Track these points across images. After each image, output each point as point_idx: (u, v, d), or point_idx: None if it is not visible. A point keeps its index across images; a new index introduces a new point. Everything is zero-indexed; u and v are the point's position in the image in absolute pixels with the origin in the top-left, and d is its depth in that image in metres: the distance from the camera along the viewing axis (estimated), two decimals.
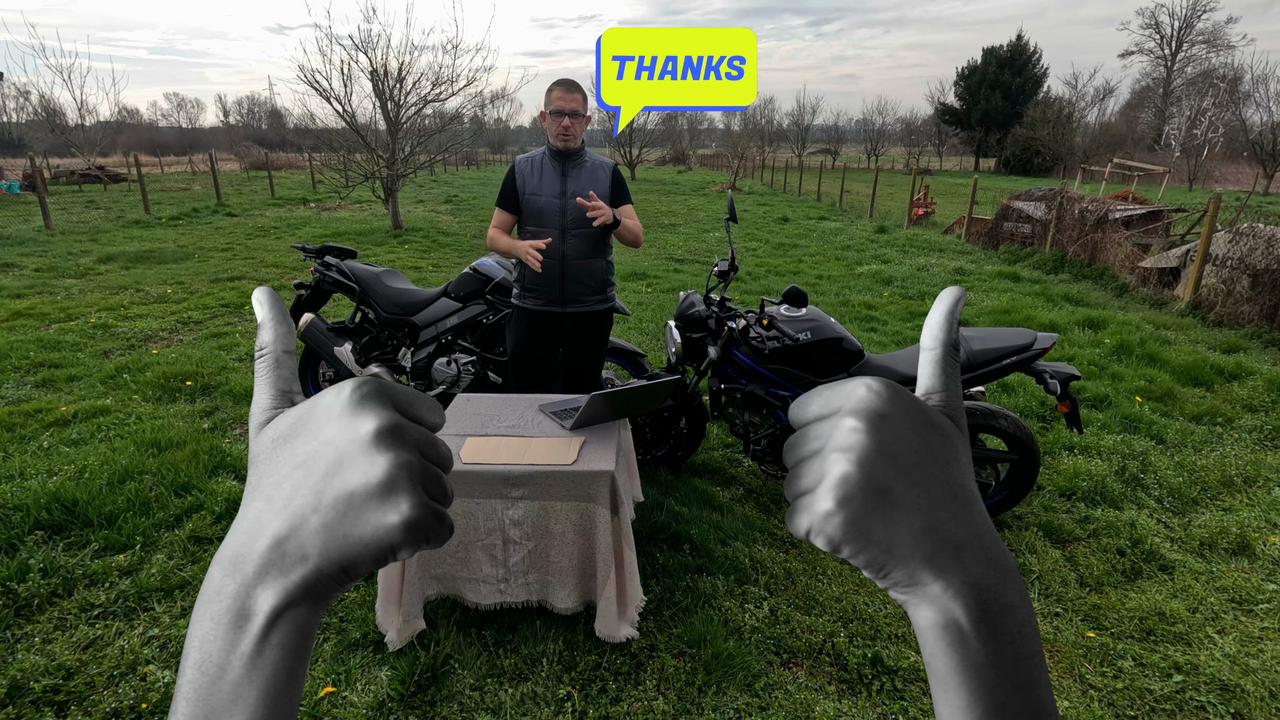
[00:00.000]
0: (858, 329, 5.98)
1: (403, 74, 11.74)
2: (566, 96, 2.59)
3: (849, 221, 14.93)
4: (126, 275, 7.84)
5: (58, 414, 3.76)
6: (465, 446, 2.10)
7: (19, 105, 34.77)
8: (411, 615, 2.03)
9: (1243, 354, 5.29)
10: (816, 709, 1.93)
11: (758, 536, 2.77)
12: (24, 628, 2.16)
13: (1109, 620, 2.33)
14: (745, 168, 33.87)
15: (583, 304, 2.79)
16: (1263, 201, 19.24)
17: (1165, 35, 51.39)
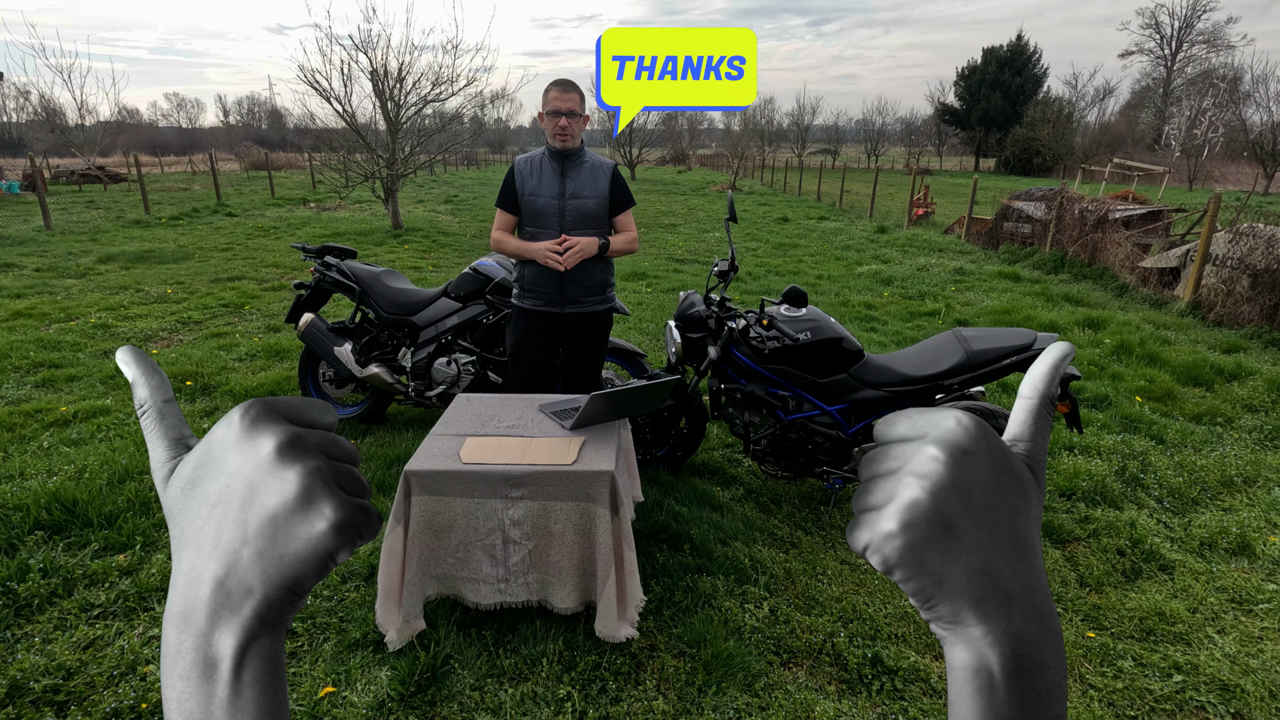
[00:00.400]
0: (858, 329, 5.98)
1: (403, 74, 11.74)
2: (563, 96, 2.59)
3: (849, 221, 14.93)
4: (126, 275, 7.84)
5: (58, 414, 3.76)
6: (465, 446, 2.10)
7: (19, 105, 34.79)
8: (411, 615, 2.03)
9: (1243, 354, 5.29)
10: (816, 709, 1.93)
11: (758, 536, 2.77)
12: (24, 628, 2.15)
13: (1109, 620, 2.33)
14: (745, 168, 33.86)
15: (582, 304, 2.79)
16: (1263, 201, 19.23)
17: (1165, 35, 51.41)
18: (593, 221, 2.71)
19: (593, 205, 2.69)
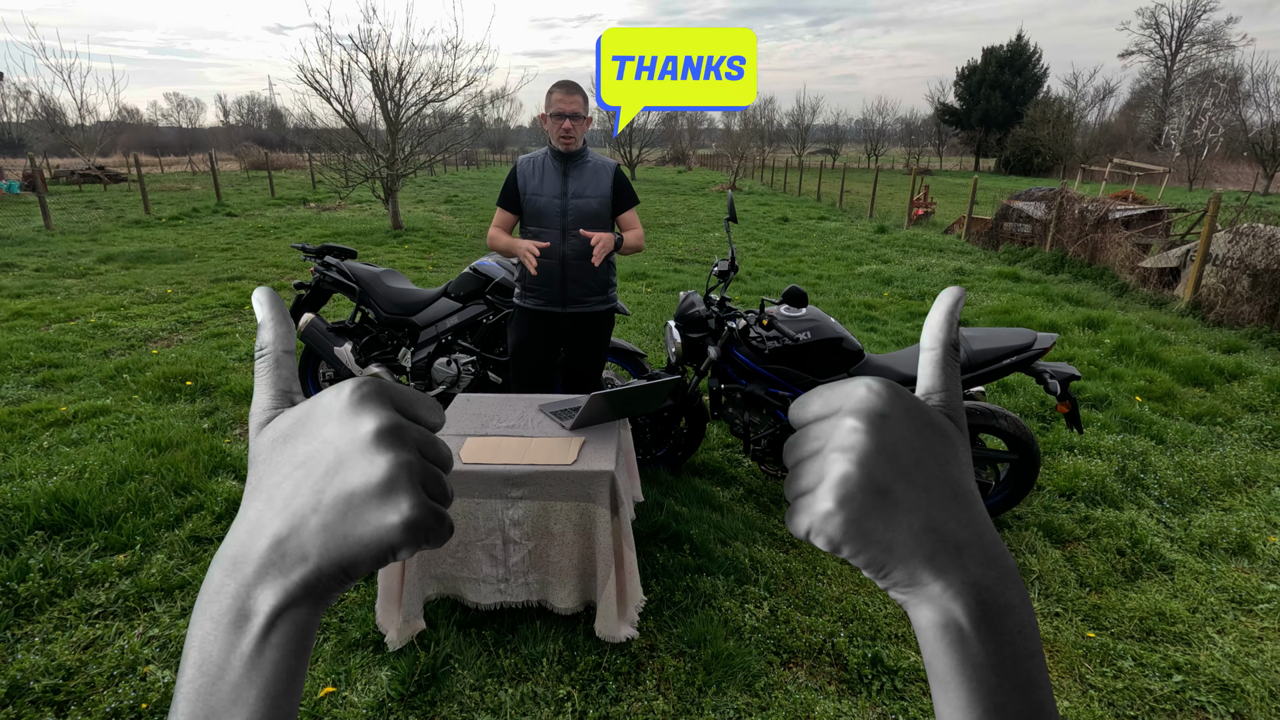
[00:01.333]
0: (858, 329, 5.98)
1: (403, 74, 11.74)
2: (567, 99, 2.59)
3: (849, 221, 14.93)
4: (126, 275, 7.84)
5: (58, 414, 3.75)
6: (465, 446, 2.10)
7: (19, 105, 34.77)
8: (411, 615, 2.03)
9: (1243, 354, 5.29)
10: (816, 709, 1.93)
11: (758, 536, 2.77)
12: (24, 628, 2.15)
13: (1109, 620, 2.33)
14: (745, 168, 33.86)
15: (583, 304, 2.79)
16: (1263, 201, 19.23)
17: (1165, 35, 51.42)
18: (595, 221, 2.71)
19: (595, 205, 2.69)
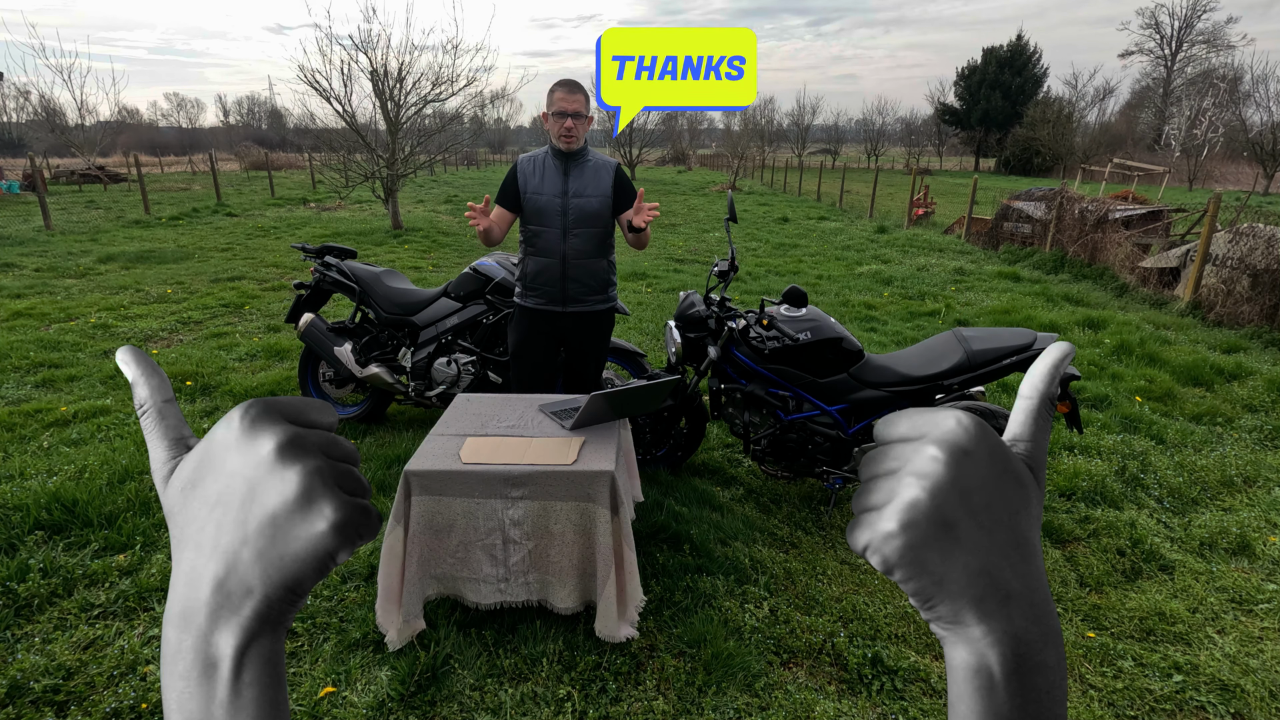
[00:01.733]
0: (858, 329, 5.98)
1: (403, 74, 11.74)
2: (569, 98, 2.59)
3: (849, 221, 14.93)
4: (126, 275, 7.84)
5: (58, 414, 3.75)
6: (465, 446, 2.10)
7: (19, 105, 34.74)
8: (411, 615, 2.03)
9: (1243, 354, 5.29)
10: (816, 709, 1.93)
11: (758, 536, 2.77)
12: (24, 628, 2.15)
13: (1109, 620, 2.33)
14: (745, 168, 33.85)
15: (584, 304, 2.79)
16: (1263, 201, 19.23)
17: (1165, 35, 51.39)
18: (595, 220, 2.71)
19: (595, 204, 2.69)
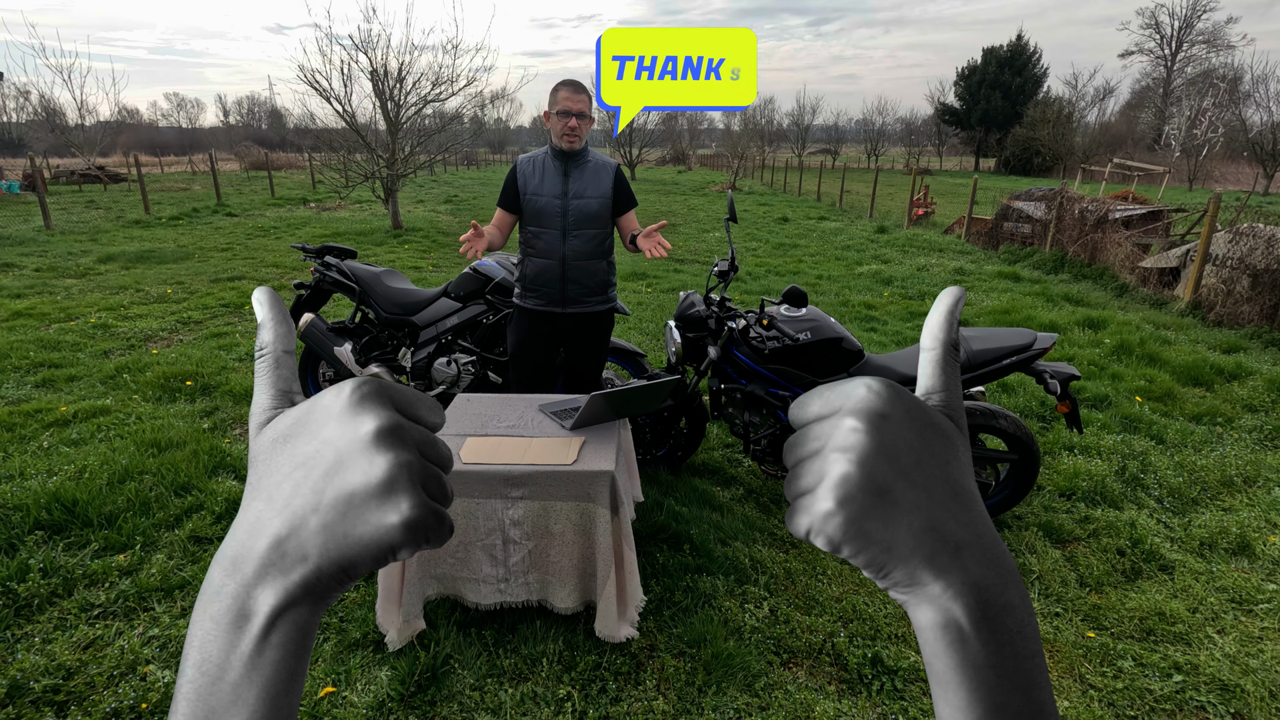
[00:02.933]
0: (858, 329, 5.98)
1: (403, 74, 11.74)
2: (574, 97, 2.59)
3: (849, 221, 14.93)
4: (126, 275, 7.84)
5: (58, 414, 3.75)
6: (465, 446, 2.10)
7: (19, 105, 34.76)
8: (411, 615, 2.03)
9: (1243, 354, 5.29)
10: (816, 709, 1.93)
11: (758, 536, 2.77)
12: (24, 628, 2.15)
13: (1109, 620, 2.33)
14: (745, 168, 33.86)
15: (583, 304, 2.79)
16: (1263, 201, 19.23)
17: (1165, 35, 51.38)
18: (595, 221, 2.71)
19: (595, 205, 2.69)
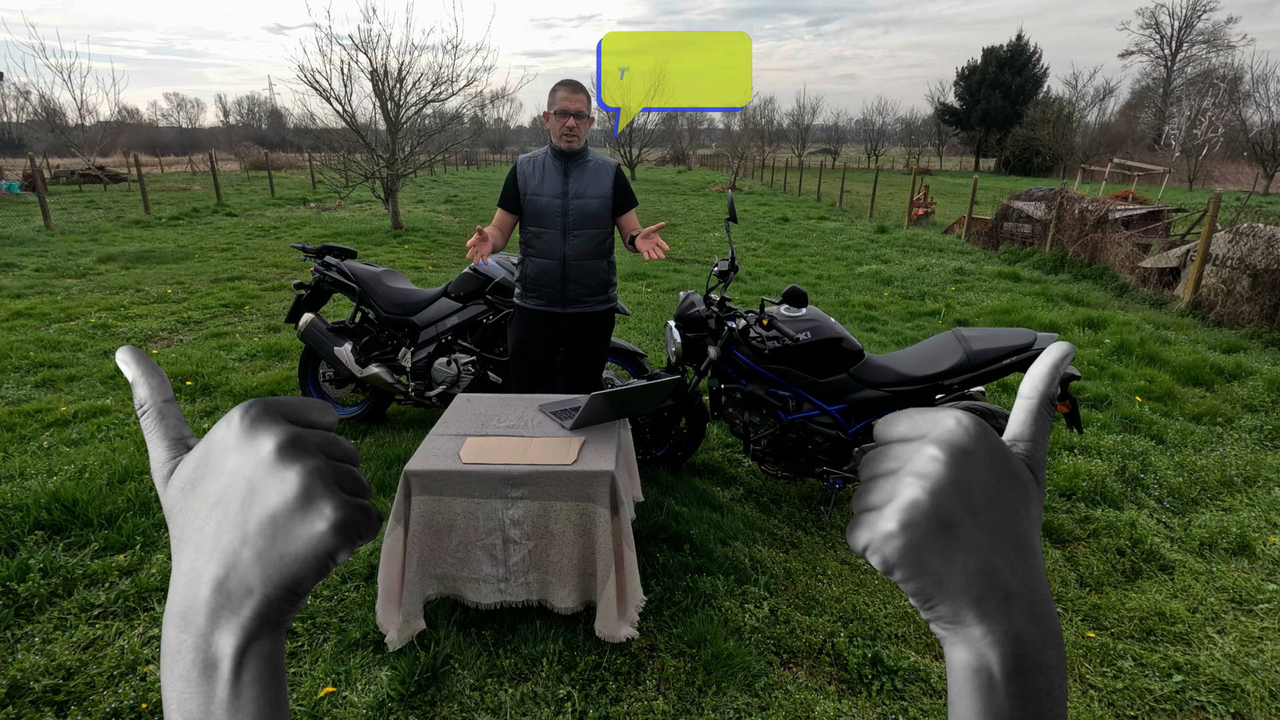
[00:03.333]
0: (858, 329, 5.98)
1: (403, 74, 11.74)
2: (572, 97, 2.60)
3: (849, 221, 14.93)
4: (126, 275, 7.84)
5: (58, 414, 3.75)
6: (465, 446, 2.10)
7: (19, 105, 34.75)
8: (411, 615, 2.03)
9: (1243, 354, 5.29)
10: (816, 709, 1.93)
11: (758, 536, 2.77)
12: (24, 628, 2.15)
13: (1109, 620, 2.33)
14: (745, 168, 33.86)
15: (584, 304, 2.79)
16: (1263, 201, 19.23)
17: (1165, 35, 51.37)
18: (595, 221, 2.71)
19: (595, 205, 2.69)
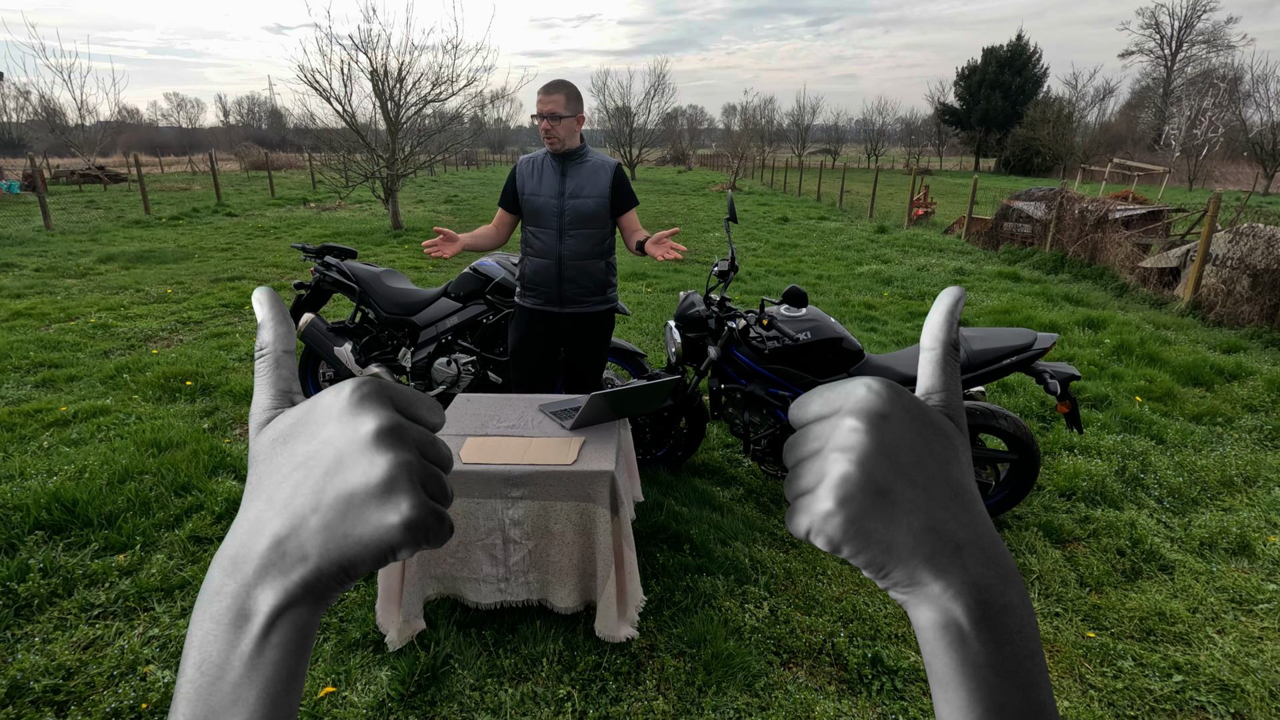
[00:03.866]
0: (858, 329, 5.98)
1: (403, 74, 11.75)
2: (545, 99, 2.58)
3: (849, 221, 14.93)
4: (126, 275, 7.84)
5: (58, 414, 3.75)
6: (465, 446, 2.10)
7: (19, 105, 34.75)
8: (411, 615, 2.03)
9: (1243, 354, 5.29)
10: (816, 709, 1.93)
11: (758, 536, 2.77)
12: (24, 628, 2.15)
13: (1109, 620, 2.33)
14: (745, 168, 33.86)
15: (582, 304, 2.79)
16: (1263, 201, 19.24)
17: (1165, 35, 51.38)
18: (593, 221, 2.70)
19: (592, 204, 2.69)
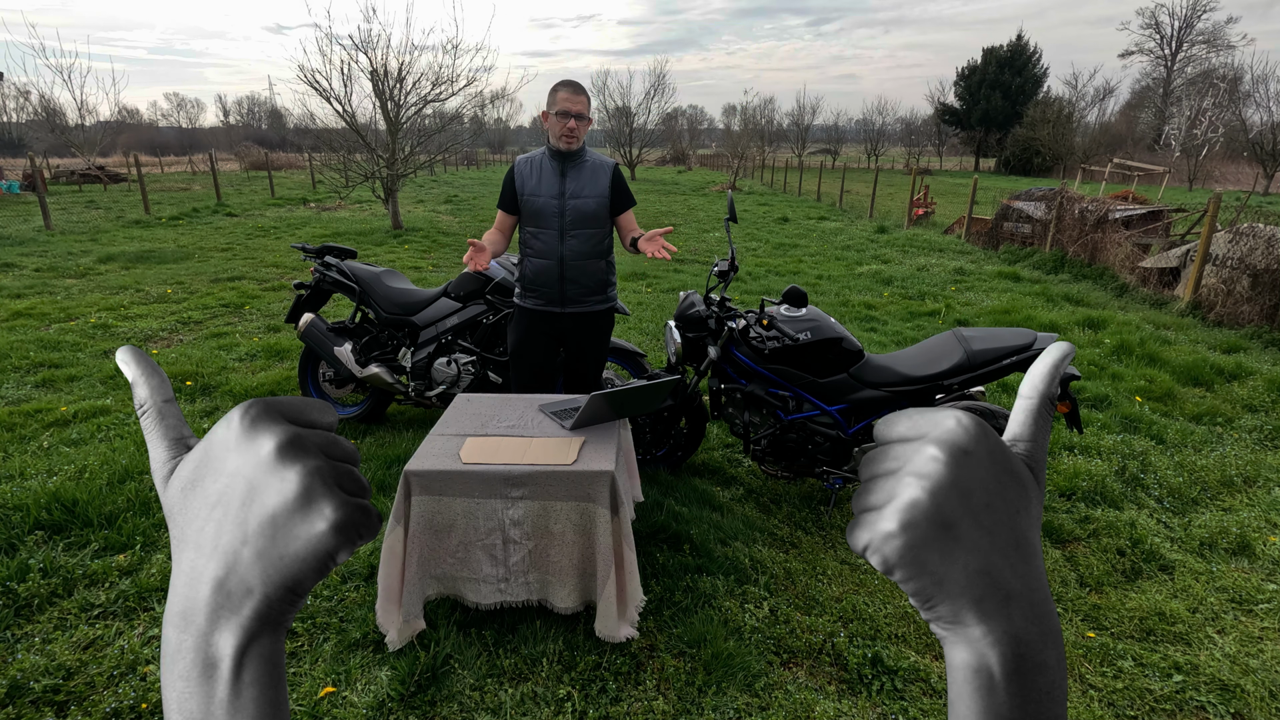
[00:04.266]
0: (858, 329, 5.98)
1: (403, 74, 11.74)
2: (573, 98, 2.61)
3: (849, 221, 14.93)
4: (126, 275, 7.84)
5: (58, 414, 3.75)
6: (465, 446, 2.10)
7: (19, 105, 34.78)
8: (411, 615, 2.03)
9: (1243, 354, 5.29)
10: (816, 709, 1.93)
11: (758, 536, 2.77)
12: (24, 628, 2.15)
13: (1109, 620, 2.33)
14: (745, 168, 33.86)
15: (582, 304, 2.79)
16: (1263, 201, 19.24)
17: (1165, 35, 51.36)
18: (593, 221, 2.71)
19: (592, 205, 2.69)
